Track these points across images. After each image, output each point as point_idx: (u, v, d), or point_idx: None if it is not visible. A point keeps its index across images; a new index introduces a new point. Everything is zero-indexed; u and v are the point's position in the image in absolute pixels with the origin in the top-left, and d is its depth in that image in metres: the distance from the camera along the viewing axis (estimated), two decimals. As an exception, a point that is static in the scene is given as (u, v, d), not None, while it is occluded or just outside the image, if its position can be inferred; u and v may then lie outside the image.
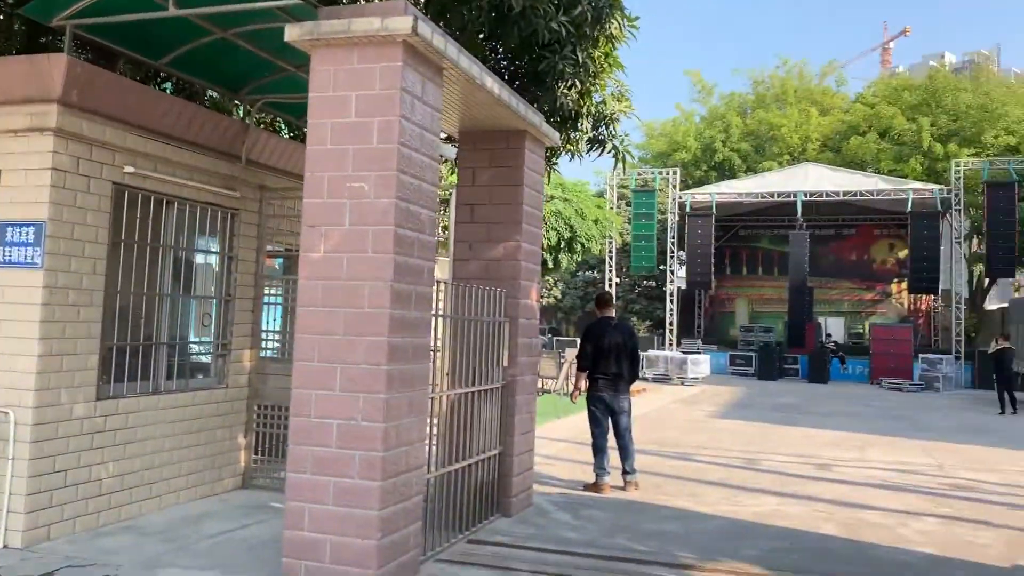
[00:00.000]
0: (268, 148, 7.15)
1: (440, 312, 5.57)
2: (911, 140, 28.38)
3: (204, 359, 6.95)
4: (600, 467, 7.70)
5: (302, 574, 4.42)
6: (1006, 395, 16.72)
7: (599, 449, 7.79)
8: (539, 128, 6.60)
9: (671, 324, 28.53)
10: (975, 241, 28.66)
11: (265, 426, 6.98)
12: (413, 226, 4.74)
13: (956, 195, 25.32)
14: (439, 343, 5.72)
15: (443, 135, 8.18)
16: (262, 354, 7.28)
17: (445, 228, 10.29)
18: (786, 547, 5.74)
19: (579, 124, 8.27)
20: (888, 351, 25.21)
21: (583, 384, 8.07)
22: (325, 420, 4.52)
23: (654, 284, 33.69)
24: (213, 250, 6.83)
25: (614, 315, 8.15)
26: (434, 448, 5.59)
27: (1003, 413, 16.56)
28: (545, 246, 19.65)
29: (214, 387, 6.67)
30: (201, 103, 8.78)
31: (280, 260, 8.67)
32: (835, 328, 31.77)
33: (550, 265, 20.14)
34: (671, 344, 28.13)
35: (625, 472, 7.77)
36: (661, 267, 30.06)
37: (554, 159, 9.09)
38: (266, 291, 7.39)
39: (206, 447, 6.53)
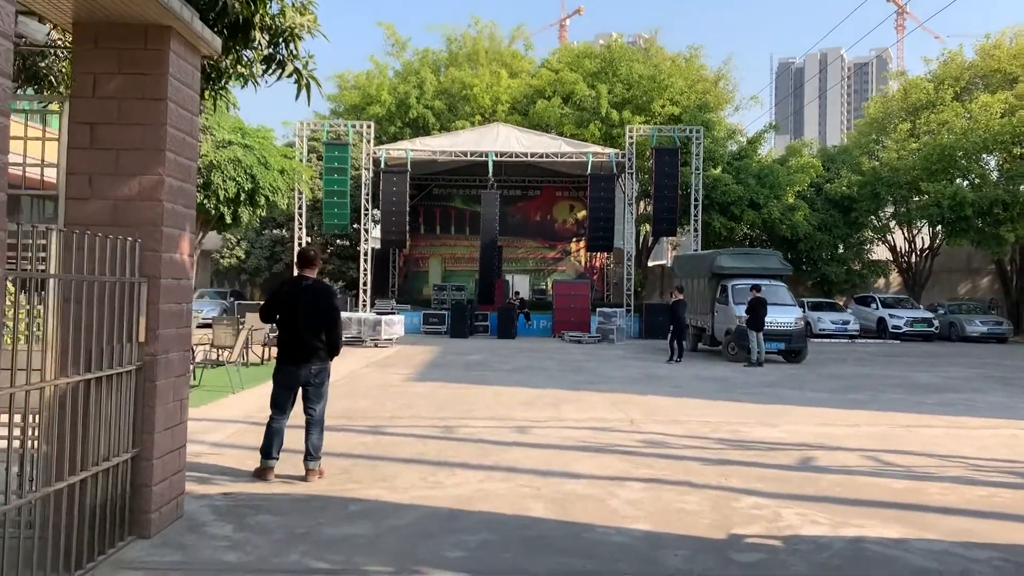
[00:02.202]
0: None
1: (39, 270, 3.90)
2: (591, 106, 29.93)
3: None
4: (267, 452, 6.47)
5: None
6: (676, 344, 18.06)
7: (272, 431, 6.52)
8: (190, 26, 5.01)
9: (365, 285, 27.47)
10: (643, 203, 31.19)
11: None
12: (-37, 134, 3.04)
13: (629, 159, 27.16)
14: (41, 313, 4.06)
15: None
16: None
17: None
18: (496, 540, 4.94)
19: (251, 38, 6.71)
20: (568, 306, 26.56)
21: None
22: None
23: (347, 243, 32.33)
24: None
25: (313, 276, 6.80)
26: (28, 462, 3.95)
27: (671, 360, 17.89)
28: (223, 198, 17.42)
29: None
30: None
31: None
32: (521, 285, 33.05)
33: (228, 220, 17.97)
34: (364, 305, 27.10)
35: (308, 457, 6.56)
36: (355, 225, 28.79)
37: (219, 81, 7.39)
38: None
39: None
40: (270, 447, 6.54)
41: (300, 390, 6.65)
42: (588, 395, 12.13)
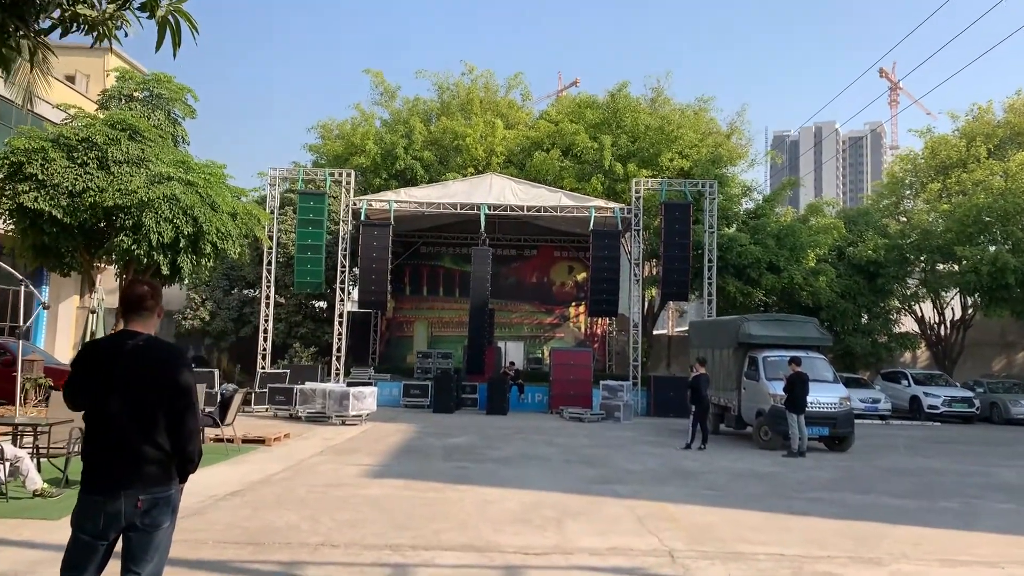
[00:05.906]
0: None
1: None
2: (593, 158, 27.46)
3: None
4: None
5: None
6: (699, 427, 14.99)
7: None
8: None
9: (339, 351, 24.42)
10: (649, 265, 28.45)
11: None
12: None
13: (636, 215, 24.52)
14: None
15: None
16: None
17: None
18: None
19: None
20: (568, 377, 23.56)
21: None
22: None
23: (325, 304, 29.40)
24: None
25: (149, 330, 3.84)
26: None
27: (688, 447, 14.84)
28: (156, 243, 14.54)
29: None
30: None
31: None
32: (515, 353, 30.02)
33: (165, 271, 15.01)
34: (337, 374, 24.00)
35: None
36: (333, 286, 25.91)
37: (25, 16, 4.60)
38: None
39: None
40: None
41: (120, 537, 3.66)
42: (603, 503, 9.07)
